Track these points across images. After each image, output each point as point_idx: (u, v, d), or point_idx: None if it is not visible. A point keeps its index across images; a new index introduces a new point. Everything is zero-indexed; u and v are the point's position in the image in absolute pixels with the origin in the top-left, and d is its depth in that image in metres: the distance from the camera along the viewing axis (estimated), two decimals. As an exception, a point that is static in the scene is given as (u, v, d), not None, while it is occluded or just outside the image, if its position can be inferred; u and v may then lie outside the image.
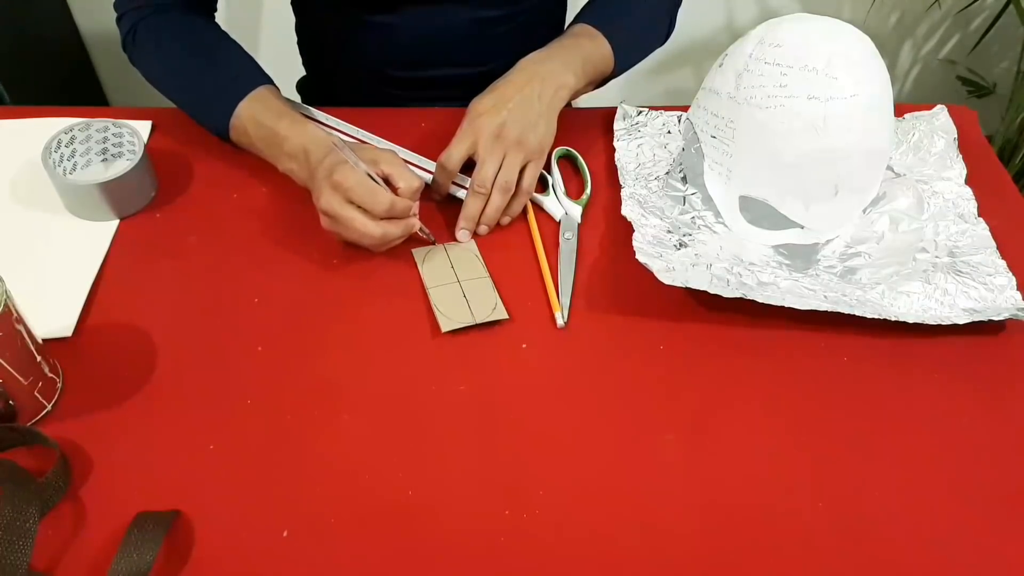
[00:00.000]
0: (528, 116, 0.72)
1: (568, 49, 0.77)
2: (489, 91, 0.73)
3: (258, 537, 0.54)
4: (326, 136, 0.70)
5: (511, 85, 0.73)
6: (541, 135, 0.72)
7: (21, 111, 0.82)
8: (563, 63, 0.76)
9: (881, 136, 0.70)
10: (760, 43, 0.69)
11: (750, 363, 0.65)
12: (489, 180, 0.70)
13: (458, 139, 0.71)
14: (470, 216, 0.71)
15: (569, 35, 0.80)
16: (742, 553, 0.54)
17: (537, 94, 0.73)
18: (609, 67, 0.80)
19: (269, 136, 0.72)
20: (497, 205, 0.71)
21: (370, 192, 0.64)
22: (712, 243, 0.71)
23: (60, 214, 0.72)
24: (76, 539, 0.53)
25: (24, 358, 0.55)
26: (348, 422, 0.60)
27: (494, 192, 0.71)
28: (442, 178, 0.73)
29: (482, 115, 0.71)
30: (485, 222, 0.72)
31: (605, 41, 0.79)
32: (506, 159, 0.71)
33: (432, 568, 0.53)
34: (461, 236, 0.71)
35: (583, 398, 0.62)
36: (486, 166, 0.70)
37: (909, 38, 1.83)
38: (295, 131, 0.70)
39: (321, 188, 0.66)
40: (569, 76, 0.75)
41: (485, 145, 0.71)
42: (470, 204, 0.71)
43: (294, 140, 0.70)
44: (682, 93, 1.85)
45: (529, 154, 0.72)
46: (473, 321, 0.65)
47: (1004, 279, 0.69)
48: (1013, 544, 0.55)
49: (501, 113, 0.71)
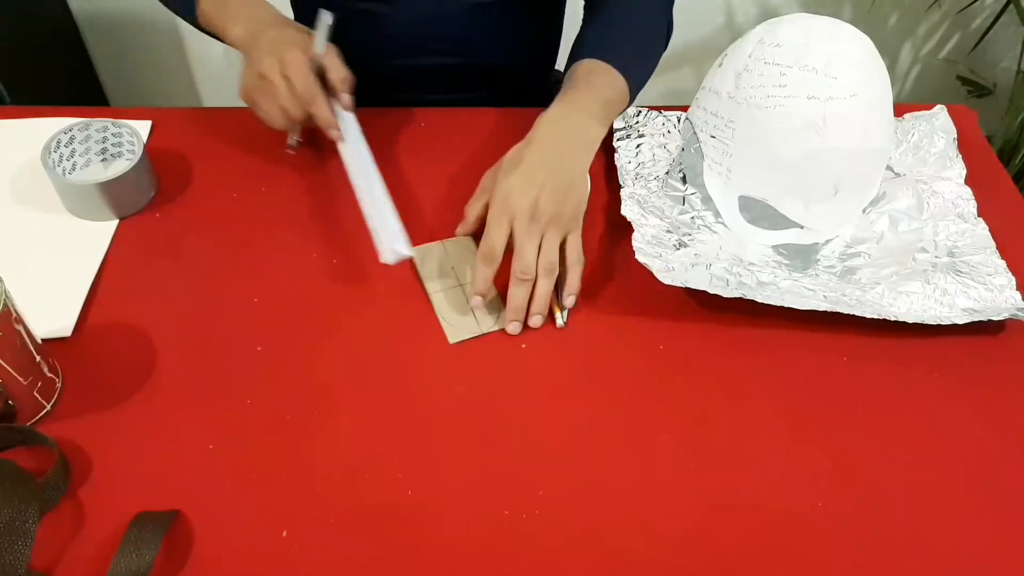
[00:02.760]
0: (561, 188, 0.66)
1: (586, 97, 0.73)
2: (514, 164, 0.67)
3: (258, 537, 0.54)
4: (275, 11, 0.76)
5: (538, 153, 0.67)
6: (575, 204, 0.68)
7: (21, 111, 0.82)
8: (586, 115, 0.72)
9: (881, 136, 0.70)
10: (760, 43, 0.69)
11: (750, 363, 0.65)
12: (531, 267, 0.64)
13: (494, 228, 0.65)
14: (517, 308, 0.65)
15: (580, 78, 0.75)
16: (742, 553, 0.54)
17: (569, 160, 0.68)
18: (625, 101, 0.78)
19: (221, 3, 0.76)
20: (546, 289, 0.65)
21: (305, 77, 0.70)
22: (712, 243, 0.71)
23: (60, 214, 0.72)
24: (76, 539, 0.53)
25: (23, 358, 0.55)
26: (348, 422, 0.60)
27: (540, 277, 0.65)
28: (487, 273, 0.65)
29: (511, 195, 0.65)
30: (538, 310, 0.65)
31: (618, 75, 0.76)
32: (544, 239, 0.65)
33: (432, 568, 0.53)
34: (512, 330, 0.65)
35: (583, 398, 0.62)
36: (526, 252, 0.64)
37: (909, 38, 1.83)
38: (246, 1, 0.76)
39: (263, 53, 0.71)
40: (594, 128, 0.72)
41: (521, 228, 0.65)
42: (516, 295, 0.64)
43: (243, 6, 0.76)
44: (682, 93, 1.85)
45: (566, 226, 0.67)
46: (479, 332, 0.65)
47: (1004, 279, 0.69)
48: (1013, 544, 0.55)
49: (532, 191, 0.65)
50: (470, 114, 0.85)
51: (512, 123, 0.72)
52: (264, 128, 0.78)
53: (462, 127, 0.83)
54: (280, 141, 0.76)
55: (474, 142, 0.81)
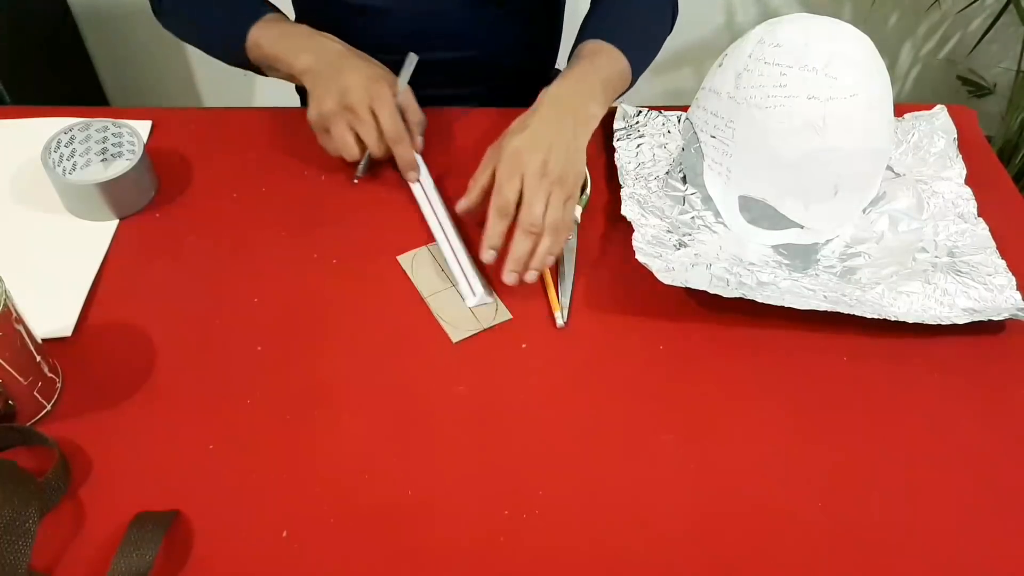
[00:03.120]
0: (568, 153, 0.69)
1: (588, 76, 0.75)
2: (521, 128, 0.69)
3: (258, 537, 0.54)
4: (338, 40, 0.76)
5: (544, 121, 0.70)
6: (578, 172, 0.70)
7: (21, 111, 0.82)
8: (587, 93, 0.74)
9: (881, 136, 0.70)
10: (760, 43, 0.69)
11: (750, 363, 0.65)
12: (539, 219, 0.66)
13: (506, 182, 0.66)
14: (519, 258, 0.66)
15: (584, 57, 0.77)
16: (741, 552, 0.54)
17: (571, 132, 0.70)
18: (627, 82, 0.79)
19: (279, 34, 0.76)
20: (548, 246, 0.66)
21: (394, 116, 0.72)
22: (712, 243, 0.71)
23: (60, 214, 0.72)
24: (76, 539, 0.53)
25: (24, 358, 0.55)
26: (347, 422, 0.60)
27: (546, 233, 0.66)
28: (501, 227, 0.67)
29: (522, 152, 0.67)
30: (537, 266, 0.67)
31: (620, 55, 0.77)
32: (551, 198, 0.67)
33: (432, 568, 0.53)
34: (509, 279, 0.66)
35: (582, 398, 0.62)
36: (534, 205, 0.66)
37: (909, 38, 1.83)
38: (307, 30, 0.77)
39: (349, 87, 0.71)
40: (594, 106, 0.74)
41: (531, 183, 0.66)
42: (519, 245, 0.66)
43: (306, 35, 0.76)
44: (682, 93, 1.85)
45: (569, 190, 0.69)
46: (480, 328, 0.66)
47: (1004, 279, 0.69)
48: (1013, 544, 0.55)
49: (541, 149, 0.67)
50: (470, 114, 0.85)
51: (511, 123, 0.72)
52: (264, 128, 0.79)
53: (462, 127, 0.83)
54: (277, 144, 0.76)
55: (473, 142, 0.81)
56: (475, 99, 0.96)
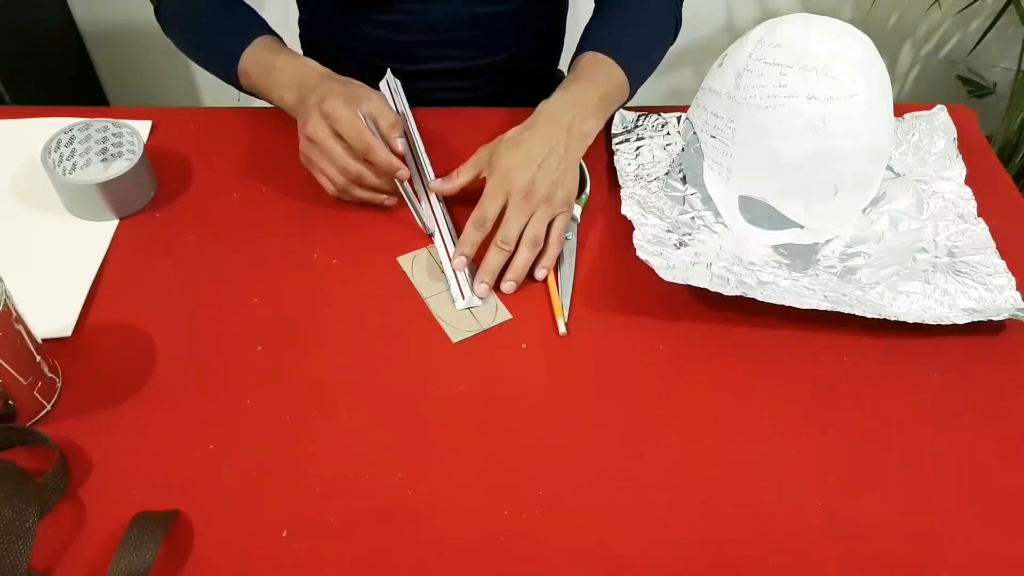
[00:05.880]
0: (557, 172, 0.70)
1: (586, 90, 0.75)
2: (515, 144, 0.70)
3: (258, 537, 0.54)
4: (320, 68, 0.74)
5: (537, 139, 0.70)
6: (568, 189, 0.71)
7: (21, 111, 0.82)
8: (584, 108, 0.74)
9: (881, 136, 0.70)
10: (760, 43, 0.69)
11: (750, 363, 0.65)
12: (513, 237, 0.68)
13: (490, 198, 0.68)
14: (491, 270, 0.68)
15: (583, 70, 0.78)
16: (742, 553, 0.54)
17: (564, 147, 0.71)
18: (625, 94, 0.80)
19: (266, 68, 0.75)
20: (525, 259, 0.68)
21: (356, 129, 0.68)
22: (712, 243, 0.71)
23: (60, 214, 0.72)
24: (75, 539, 0.53)
25: (24, 358, 0.55)
26: (347, 422, 0.60)
27: (522, 247, 0.68)
28: (476, 237, 0.68)
29: (512, 171, 0.68)
30: (513, 277, 0.68)
31: (619, 69, 0.78)
32: (534, 216, 0.69)
33: (432, 568, 0.53)
34: (480, 291, 0.67)
35: (582, 398, 0.62)
36: (511, 224, 0.68)
37: (909, 38, 1.83)
38: (290, 63, 0.75)
39: (310, 113, 0.69)
40: (591, 121, 0.74)
41: (514, 202, 0.68)
42: (491, 259, 0.68)
43: (288, 70, 0.74)
44: (682, 93, 1.85)
45: (557, 208, 0.70)
46: (480, 328, 0.66)
47: (1004, 279, 0.69)
48: (1013, 544, 0.55)
49: (530, 169, 0.68)
50: (472, 114, 0.85)
51: (514, 123, 0.72)
52: (264, 128, 0.79)
53: (463, 127, 0.83)
54: (277, 144, 0.76)
55: (475, 142, 0.81)
56: (479, 98, 0.96)
